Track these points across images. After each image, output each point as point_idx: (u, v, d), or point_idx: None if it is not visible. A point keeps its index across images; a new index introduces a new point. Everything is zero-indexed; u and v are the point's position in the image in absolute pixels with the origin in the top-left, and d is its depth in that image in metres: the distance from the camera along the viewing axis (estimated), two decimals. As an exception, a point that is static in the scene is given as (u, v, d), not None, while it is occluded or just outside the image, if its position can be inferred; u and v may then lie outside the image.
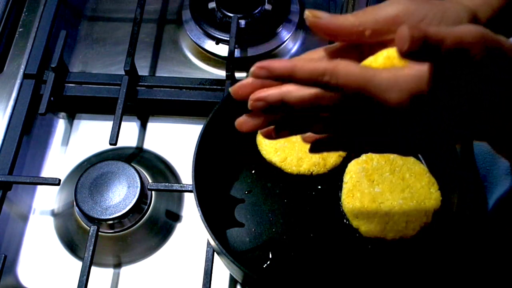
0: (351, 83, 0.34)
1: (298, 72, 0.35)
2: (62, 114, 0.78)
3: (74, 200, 0.66)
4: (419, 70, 0.34)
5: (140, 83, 0.76)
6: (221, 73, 0.80)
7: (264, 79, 0.37)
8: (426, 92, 0.34)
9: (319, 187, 0.65)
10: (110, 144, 0.69)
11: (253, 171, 0.66)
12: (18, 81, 0.76)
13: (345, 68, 0.34)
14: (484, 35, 0.33)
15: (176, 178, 0.72)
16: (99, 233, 0.64)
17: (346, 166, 0.65)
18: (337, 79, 0.34)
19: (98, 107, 0.76)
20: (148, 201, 0.69)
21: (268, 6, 0.83)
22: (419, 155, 0.66)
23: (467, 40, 0.33)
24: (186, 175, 0.72)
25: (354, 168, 0.64)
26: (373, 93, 0.34)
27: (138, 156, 0.74)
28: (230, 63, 0.75)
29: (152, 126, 0.77)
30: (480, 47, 0.33)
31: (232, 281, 0.65)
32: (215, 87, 0.75)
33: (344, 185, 0.64)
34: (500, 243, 0.64)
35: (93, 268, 0.62)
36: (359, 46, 0.41)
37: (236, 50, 0.79)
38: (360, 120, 0.38)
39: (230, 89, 0.41)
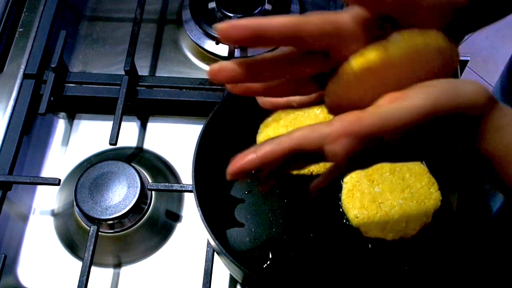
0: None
1: (305, 140, 0.38)
2: (62, 114, 0.78)
3: (74, 200, 0.66)
4: None
5: (140, 83, 0.76)
6: (221, 73, 0.80)
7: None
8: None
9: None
10: (110, 144, 0.69)
11: (253, 171, 0.66)
12: (18, 81, 0.76)
13: (337, 149, 0.36)
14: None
15: (176, 178, 0.72)
16: (99, 233, 0.64)
17: (346, 166, 0.65)
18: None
19: (98, 107, 0.76)
20: (148, 201, 0.69)
21: (268, 6, 0.83)
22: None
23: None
24: (186, 175, 0.72)
25: (354, 168, 0.64)
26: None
27: (138, 156, 0.74)
28: (230, 63, 0.75)
29: (152, 126, 0.77)
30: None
31: (232, 281, 0.65)
32: (215, 87, 0.75)
33: (344, 185, 0.64)
34: (500, 243, 0.64)
35: (93, 268, 0.62)
36: (375, 26, 0.40)
37: (236, 50, 0.79)
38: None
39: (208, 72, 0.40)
